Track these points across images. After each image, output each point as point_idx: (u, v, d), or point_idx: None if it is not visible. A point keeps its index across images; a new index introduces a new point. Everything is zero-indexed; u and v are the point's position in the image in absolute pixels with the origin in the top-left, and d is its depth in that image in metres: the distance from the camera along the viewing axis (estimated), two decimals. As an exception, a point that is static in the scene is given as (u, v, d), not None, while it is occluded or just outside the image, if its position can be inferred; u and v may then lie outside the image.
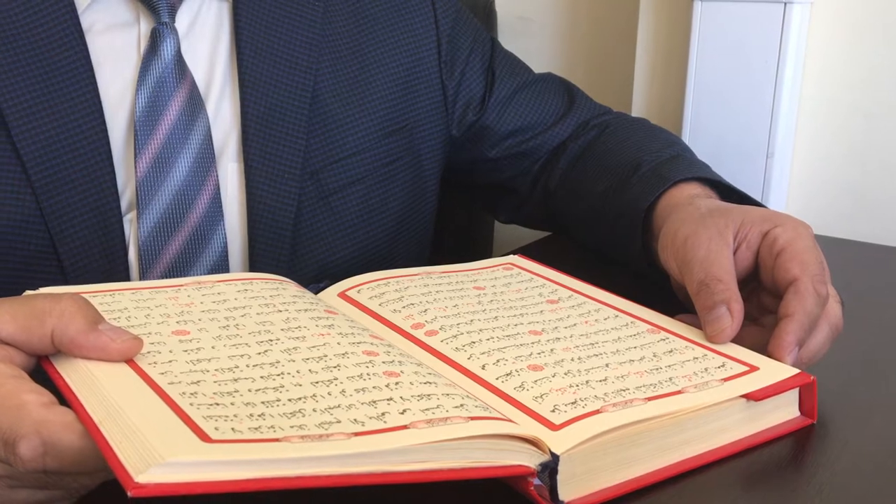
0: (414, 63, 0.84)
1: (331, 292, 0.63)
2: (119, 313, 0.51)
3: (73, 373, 0.42)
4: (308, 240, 0.78)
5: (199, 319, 0.51)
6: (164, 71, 0.74)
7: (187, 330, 0.49)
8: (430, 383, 0.46)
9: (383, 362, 0.48)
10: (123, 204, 0.73)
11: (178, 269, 0.74)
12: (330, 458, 0.37)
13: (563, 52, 1.22)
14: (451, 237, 1.18)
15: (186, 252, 0.74)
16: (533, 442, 0.43)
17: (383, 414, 0.41)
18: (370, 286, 0.64)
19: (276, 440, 0.37)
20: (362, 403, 0.42)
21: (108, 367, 0.42)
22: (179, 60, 0.75)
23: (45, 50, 0.71)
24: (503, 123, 0.88)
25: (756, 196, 0.95)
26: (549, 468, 0.43)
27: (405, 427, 0.40)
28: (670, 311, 0.61)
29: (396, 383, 0.45)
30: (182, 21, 0.76)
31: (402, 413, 0.42)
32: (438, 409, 0.43)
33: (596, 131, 0.88)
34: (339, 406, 0.42)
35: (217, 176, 0.75)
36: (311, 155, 0.78)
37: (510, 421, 0.44)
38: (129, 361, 0.44)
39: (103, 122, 0.72)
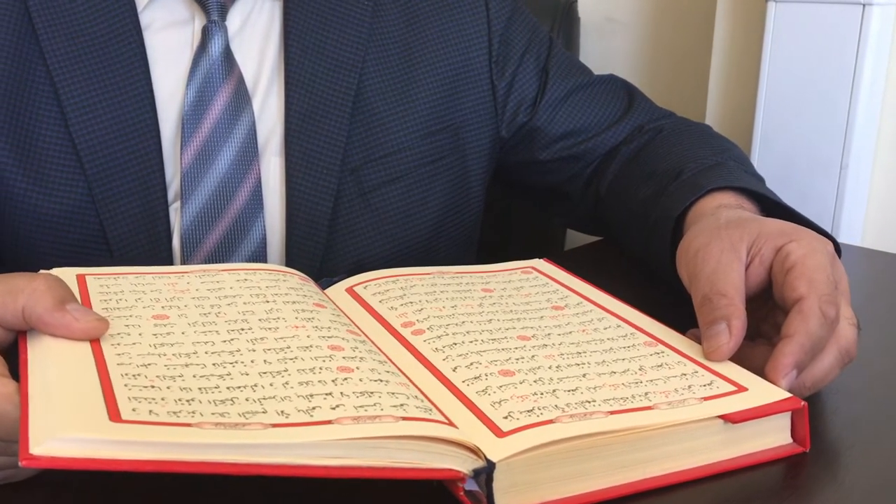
0: (463, 62, 0.84)
1: (339, 287, 0.64)
2: (112, 295, 0.54)
3: (37, 347, 0.45)
4: (344, 235, 0.80)
5: (186, 306, 0.53)
6: (211, 67, 0.77)
7: (167, 315, 0.52)
8: (380, 381, 0.46)
9: (343, 357, 0.48)
10: (171, 194, 0.77)
11: (219, 257, 0.77)
12: (238, 447, 0.38)
13: (646, 53, 1.18)
14: (521, 239, 1.17)
15: (226, 241, 0.77)
16: (470, 447, 0.43)
17: (314, 408, 0.42)
18: (377, 283, 0.64)
19: (188, 425, 0.38)
20: (298, 396, 0.43)
21: (68, 344, 0.45)
22: (227, 57, 0.78)
23: (105, 46, 0.76)
24: (555, 125, 0.87)
25: (828, 210, 0.91)
26: (486, 475, 0.43)
27: (328, 422, 0.41)
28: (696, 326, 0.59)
29: (345, 379, 0.46)
30: (235, 19, 0.79)
31: (333, 408, 0.42)
32: (375, 406, 0.43)
33: (649, 136, 0.85)
34: (273, 397, 0.43)
35: (259, 169, 0.78)
36: (351, 152, 0.80)
37: (449, 425, 0.44)
38: (94, 341, 0.46)
39: (155, 116, 0.76)
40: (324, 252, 0.79)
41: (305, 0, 0.80)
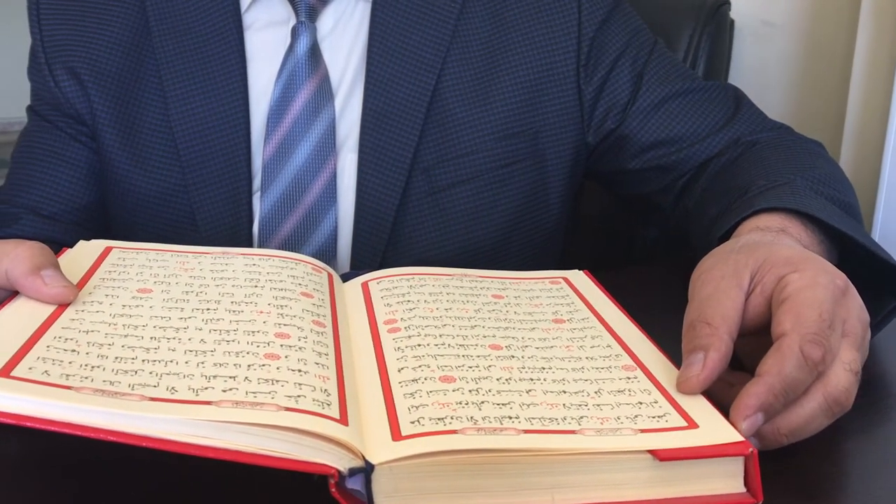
0: (547, 66, 0.83)
1: (357, 280, 0.66)
2: (120, 268, 0.59)
3: (10, 304, 0.51)
4: (410, 232, 0.81)
5: (177, 283, 0.57)
6: (295, 65, 0.81)
7: (152, 289, 0.56)
8: (297, 371, 0.47)
9: (281, 345, 0.50)
10: (256, 183, 0.82)
11: (291, 245, 0.82)
12: (103, 413, 0.40)
13: (802, 58, 1.09)
14: (644, 245, 1.12)
15: (299, 230, 0.81)
16: (349, 447, 0.43)
17: (205, 388, 0.44)
18: (391, 279, 0.65)
19: (67, 388, 0.41)
20: (202, 376, 0.45)
21: (35, 305, 0.50)
22: (312, 56, 0.82)
23: (208, 43, 0.82)
24: (645, 133, 0.83)
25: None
26: (365, 476, 0.43)
27: (207, 403, 0.43)
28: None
29: (262, 365, 0.47)
30: (327, 20, 0.83)
31: (224, 391, 0.44)
32: (268, 394, 0.44)
33: (742, 149, 0.79)
34: (178, 374, 0.45)
35: (335, 164, 0.81)
36: (424, 151, 0.81)
37: (339, 422, 0.44)
38: (63, 305, 0.51)
39: (246, 110, 0.82)
40: (386, 247, 0.80)
41: (391, 1, 0.82)
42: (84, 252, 0.61)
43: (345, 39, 0.83)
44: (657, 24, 1.05)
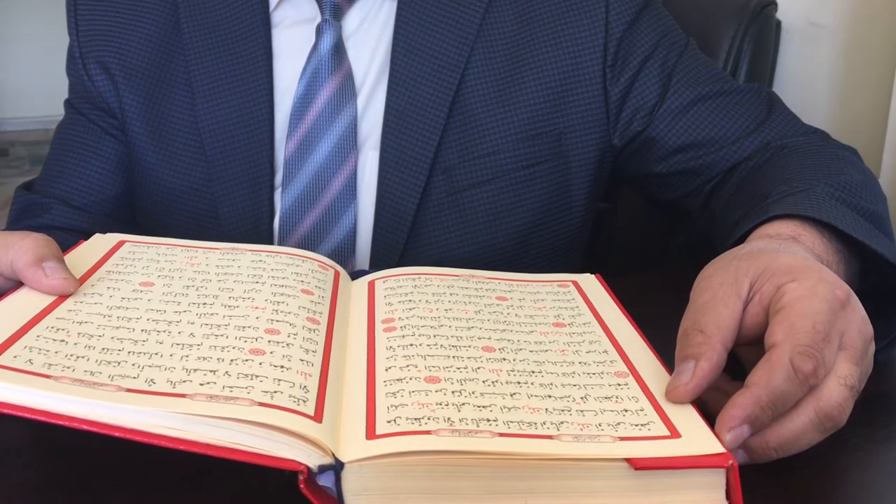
0: (573, 66, 0.82)
1: (365, 279, 0.66)
2: (128, 261, 0.60)
3: (15, 293, 0.52)
4: (429, 232, 0.81)
5: (180, 278, 0.58)
6: (319, 63, 0.82)
7: (153, 283, 0.57)
8: (280, 367, 0.48)
9: (269, 341, 0.50)
10: (278, 179, 0.83)
11: (311, 241, 0.82)
12: (78, 403, 0.41)
13: (851, 61, 1.05)
14: (679, 250, 1.10)
15: (319, 227, 0.82)
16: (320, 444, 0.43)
17: (184, 381, 0.45)
18: (397, 279, 0.65)
19: (46, 377, 0.43)
20: (183, 369, 0.46)
21: (35, 296, 0.52)
22: (336, 54, 0.82)
23: (236, 41, 0.84)
24: (672, 136, 0.81)
25: None
26: (335, 473, 0.43)
27: (182, 396, 0.43)
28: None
29: (245, 360, 0.48)
30: (353, 19, 0.84)
31: (202, 384, 0.45)
32: (244, 389, 0.45)
33: (770, 154, 0.77)
34: (159, 366, 0.46)
35: (356, 161, 0.82)
36: (445, 151, 0.81)
37: (313, 419, 0.44)
38: (63, 296, 0.53)
39: (271, 107, 0.83)
40: (405, 246, 0.81)
41: (417, 0, 0.82)
42: (96, 245, 0.62)
43: (370, 38, 0.84)
44: (698, 25, 1.03)
